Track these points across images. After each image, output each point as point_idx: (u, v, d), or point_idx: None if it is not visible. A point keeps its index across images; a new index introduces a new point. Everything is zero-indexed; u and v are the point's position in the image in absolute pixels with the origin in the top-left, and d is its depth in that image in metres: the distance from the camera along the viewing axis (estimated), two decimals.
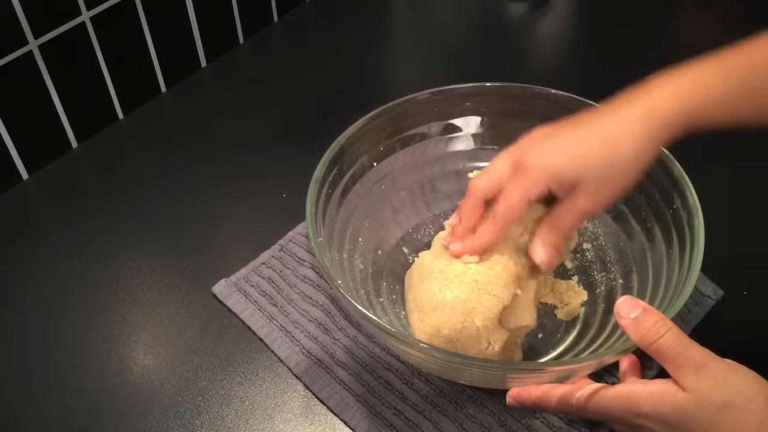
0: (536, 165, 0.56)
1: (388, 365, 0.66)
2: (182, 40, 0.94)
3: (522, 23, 1.08)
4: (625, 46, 1.00)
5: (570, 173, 0.55)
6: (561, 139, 0.57)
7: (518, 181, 0.57)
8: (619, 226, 0.70)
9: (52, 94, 0.82)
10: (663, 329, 0.49)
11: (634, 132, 0.54)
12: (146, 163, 0.88)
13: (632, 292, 0.66)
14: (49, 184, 0.85)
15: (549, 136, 0.58)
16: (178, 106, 0.95)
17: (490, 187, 0.59)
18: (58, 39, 0.79)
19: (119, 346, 0.70)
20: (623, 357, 0.57)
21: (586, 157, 0.55)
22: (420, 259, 0.64)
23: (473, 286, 0.59)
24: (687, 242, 0.60)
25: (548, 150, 0.57)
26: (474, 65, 0.99)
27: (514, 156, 0.58)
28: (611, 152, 0.55)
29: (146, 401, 0.66)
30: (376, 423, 0.63)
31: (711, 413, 0.47)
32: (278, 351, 0.68)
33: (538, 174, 0.56)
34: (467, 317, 0.58)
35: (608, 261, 0.71)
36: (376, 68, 1.00)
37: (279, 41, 1.04)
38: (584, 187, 0.55)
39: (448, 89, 0.72)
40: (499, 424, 0.62)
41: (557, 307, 0.69)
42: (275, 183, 0.83)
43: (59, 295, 0.74)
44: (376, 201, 0.72)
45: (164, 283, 0.75)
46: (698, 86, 0.55)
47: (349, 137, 0.68)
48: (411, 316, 0.62)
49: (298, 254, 0.75)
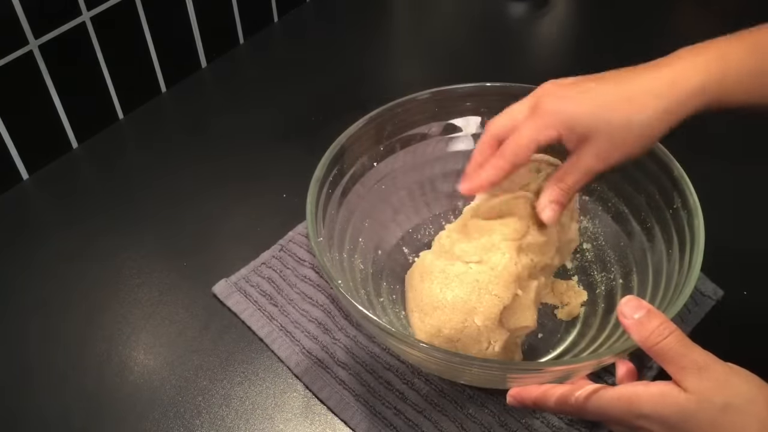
0: (552, 109, 0.56)
1: (388, 365, 0.67)
2: (182, 40, 0.94)
3: (522, 23, 1.08)
4: (625, 45, 1.00)
5: (584, 124, 0.55)
6: (582, 88, 0.56)
7: (531, 122, 0.56)
8: (619, 226, 0.70)
9: (52, 94, 0.82)
10: (666, 331, 0.49)
11: (658, 96, 0.54)
12: (146, 163, 0.88)
13: (632, 292, 0.66)
14: (49, 184, 0.85)
15: (572, 84, 0.57)
16: (178, 106, 0.95)
17: (506, 127, 0.59)
18: (58, 39, 0.79)
19: (119, 346, 0.70)
20: (620, 364, 0.57)
21: (605, 111, 0.54)
22: (421, 258, 0.64)
23: (474, 286, 0.59)
24: (687, 242, 0.60)
25: (567, 97, 0.56)
26: (474, 65, 0.99)
27: (534, 99, 0.58)
28: (631, 111, 0.54)
29: (146, 401, 0.66)
30: (376, 423, 0.63)
31: (712, 415, 0.47)
32: (278, 351, 0.68)
33: (551, 118, 0.55)
34: (468, 317, 0.59)
35: (608, 261, 0.71)
36: (376, 68, 1.00)
37: (279, 41, 1.04)
38: (595, 141, 0.55)
39: (448, 89, 0.72)
40: (499, 424, 0.62)
41: (557, 307, 0.69)
42: (275, 183, 0.83)
43: (59, 295, 0.74)
44: (376, 201, 0.72)
45: (164, 283, 0.75)
46: (722, 61, 0.54)
47: (349, 137, 0.68)
48: (411, 315, 0.62)
49: (298, 254, 0.75)
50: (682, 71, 0.54)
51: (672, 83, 0.54)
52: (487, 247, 0.61)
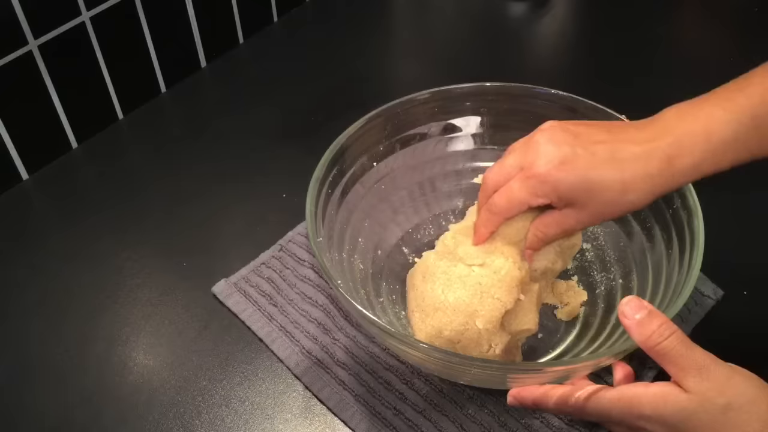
0: (547, 179, 0.55)
1: (388, 365, 0.66)
2: (182, 40, 0.94)
3: (522, 23, 1.08)
4: (625, 45, 1.00)
5: (575, 195, 0.55)
6: (577, 153, 0.55)
7: (525, 185, 0.56)
8: (619, 226, 0.70)
9: (52, 94, 0.82)
10: (668, 332, 0.49)
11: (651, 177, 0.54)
12: (146, 163, 0.88)
13: (632, 292, 0.66)
14: (49, 184, 0.85)
15: (565, 141, 0.55)
16: (178, 106, 0.95)
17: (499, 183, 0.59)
18: (58, 39, 0.79)
19: (119, 346, 0.70)
20: (618, 367, 0.57)
21: (597, 186, 0.54)
22: (423, 258, 0.64)
23: (477, 289, 0.59)
24: (687, 242, 0.60)
25: (561, 165, 0.55)
26: (474, 65, 0.99)
27: (527, 154, 0.57)
28: (622, 191, 0.54)
29: (146, 401, 0.66)
30: (376, 423, 0.63)
31: (713, 415, 0.47)
32: (278, 351, 0.68)
33: (545, 188, 0.55)
34: (469, 319, 0.59)
35: (608, 261, 0.71)
36: (376, 68, 1.00)
37: (279, 41, 1.04)
38: (583, 208, 0.56)
39: (448, 89, 0.72)
40: (498, 424, 0.62)
41: (557, 307, 0.69)
42: (275, 183, 0.83)
43: (59, 295, 0.74)
44: (376, 201, 0.72)
45: (164, 283, 0.75)
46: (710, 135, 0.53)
47: (349, 137, 0.68)
48: (412, 316, 0.62)
49: (297, 254, 0.75)
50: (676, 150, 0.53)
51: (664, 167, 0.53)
52: (491, 250, 0.61)
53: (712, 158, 0.54)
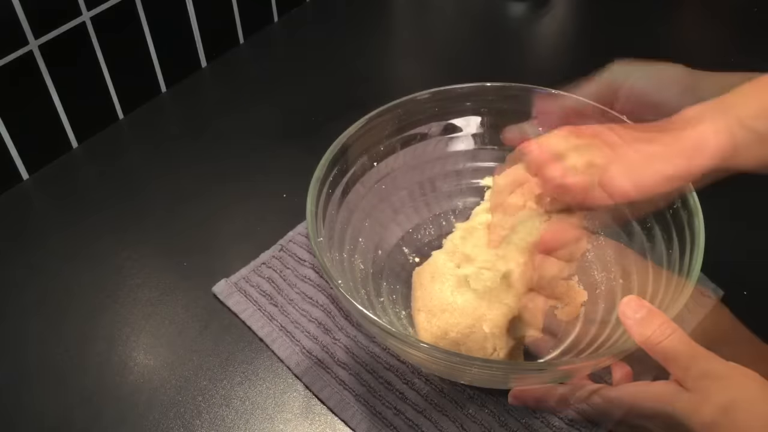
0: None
1: (389, 365, 0.66)
2: (182, 40, 0.94)
3: (522, 23, 1.08)
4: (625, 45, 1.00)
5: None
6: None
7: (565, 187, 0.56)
8: (619, 227, 0.70)
9: (52, 94, 0.82)
10: (668, 331, 0.49)
11: (668, 182, 0.53)
12: (146, 163, 0.88)
13: (632, 292, 0.66)
14: (49, 184, 0.85)
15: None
16: (178, 106, 0.95)
17: (511, 187, 0.59)
18: (58, 39, 0.79)
19: (119, 346, 0.70)
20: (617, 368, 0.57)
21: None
22: (433, 258, 0.64)
23: (485, 293, 0.59)
24: (687, 242, 0.60)
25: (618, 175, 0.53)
26: (474, 65, 0.99)
27: (538, 160, 0.57)
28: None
29: (146, 401, 0.66)
30: (377, 423, 0.63)
31: (714, 414, 0.47)
32: (278, 351, 0.68)
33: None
34: (476, 323, 0.59)
35: (608, 261, 0.71)
36: (376, 68, 1.00)
37: (279, 41, 1.04)
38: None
39: (448, 89, 0.72)
40: (499, 424, 0.62)
41: (557, 307, 0.69)
42: (275, 183, 0.83)
43: (59, 295, 0.74)
44: (377, 201, 0.72)
45: (164, 283, 0.75)
46: (733, 136, 0.53)
47: (350, 137, 0.68)
48: (417, 315, 0.62)
49: (298, 254, 0.75)
50: (698, 162, 0.53)
51: (684, 173, 0.53)
52: (500, 254, 0.61)
53: (733, 158, 0.54)
